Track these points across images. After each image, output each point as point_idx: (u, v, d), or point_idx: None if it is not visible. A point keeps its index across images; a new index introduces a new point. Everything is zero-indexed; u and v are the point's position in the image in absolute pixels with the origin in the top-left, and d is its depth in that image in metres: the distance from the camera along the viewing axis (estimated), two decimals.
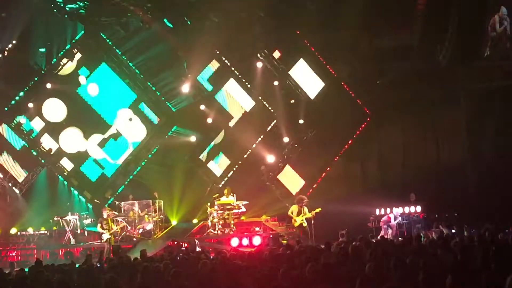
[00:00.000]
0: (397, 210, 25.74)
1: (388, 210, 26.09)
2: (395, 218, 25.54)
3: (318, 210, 23.66)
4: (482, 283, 8.64)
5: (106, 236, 22.93)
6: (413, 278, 9.46)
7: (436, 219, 25.42)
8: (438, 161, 28.26)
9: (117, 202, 26.57)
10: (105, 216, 23.37)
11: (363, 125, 30.05)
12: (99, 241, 24.04)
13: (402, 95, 28.48)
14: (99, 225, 23.48)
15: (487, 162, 27.36)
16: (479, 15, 24.82)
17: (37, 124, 27.78)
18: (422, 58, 27.30)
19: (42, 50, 27.41)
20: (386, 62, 28.76)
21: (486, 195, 25.94)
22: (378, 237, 23.39)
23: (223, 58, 29.24)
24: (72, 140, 28.18)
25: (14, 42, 26.63)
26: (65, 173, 28.02)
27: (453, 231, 22.29)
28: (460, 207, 25.98)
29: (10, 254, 24.50)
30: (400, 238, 22.87)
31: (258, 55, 29.12)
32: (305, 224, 23.44)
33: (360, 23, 27.01)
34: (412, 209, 26.15)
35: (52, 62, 27.61)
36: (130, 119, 29.00)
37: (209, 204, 25.79)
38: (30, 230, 25.80)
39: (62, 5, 26.18)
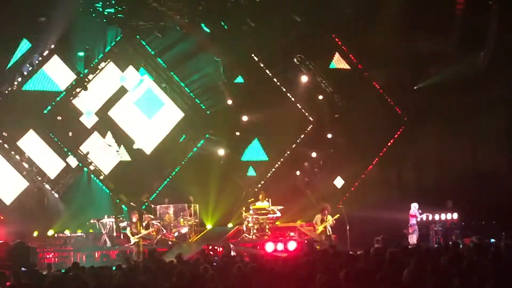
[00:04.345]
0: (415, 205, 25.47)
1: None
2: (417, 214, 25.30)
3: (336, 216, 23.65)
4: None
5: (134, 239, 23.03)
6: (449, 285, 9.37)
7: (469, 228, 25.18)
8: (475, 168, 28.00)
9: (153, 206, 26.68)
10: (134, 220, 23.45)
11: (399, 131, 29.88)
12: (126, 244, 24.12)
13: (439, 100, 28.30)
14: (128, 228, 23.64)
15: None
16: None
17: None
18: (460, 63, 27.07)
19: (81, 54, 27.67)
20: (423, 68, 28.60)
21: None
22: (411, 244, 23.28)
23: (259, 62, 29.28)
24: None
25: (53, 46, 26.91)
26: (102, 176, 28.25)
27: (492, 240, 21.92)
28: (498, 214, 25.67)
29: (47, 256, 24.65)
30: (435, 245, 22.69)
31: (295, 59, 29.13)
32: (329, 232, 23.36)
33: (397, 28, 26.86)
34: (449, 216, 25.88)
35: (91, 65, 27.84)
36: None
37: (244, 208, 25.83)
38: (67, 232, 25.99)
39: (100, 9, 26.47)
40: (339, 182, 29.93)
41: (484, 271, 10.38)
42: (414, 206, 25.30)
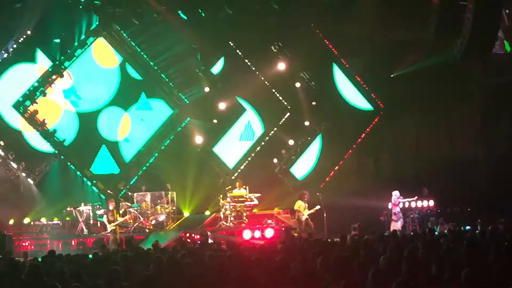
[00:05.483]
0: (395, 193, 25.44)
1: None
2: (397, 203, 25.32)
3: (317, 207, 23.88)
4: (494, 277, 8.62)
5: (110, 227, 22.94)
6: (425, 272, 9.44)
7: (440, 216, 25.37)
8: (451, 156, 28.16)
9: (130, 193, 26.62)
10: (110, 208, 23.37)
11: (376, 119, 29.98)
12: (103, 232, 24.02)
13: (416, 88, 28.41)
14: (105, 216, 23.54)
15: (501, 156, 27.25)
16: (494, 9, 24.62)
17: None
18: (437, 51, 27.16)
19: (57, 41, 27.42)
20: (401, 55, 28.66)
21: (499, 189, 25.85)
22: (390, 230, 23.37)
23: (237, 50, 29.19)
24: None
25: (28, 32, 26.65)
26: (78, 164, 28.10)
27: (468, 227, 22.08)
28: (473, 201, 25.88)
29: (24, 244, 24.53)
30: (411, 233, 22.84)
31: (272, 47, 29.09)
32: (309, 219, 23.71)
33: (375, 15, 26.92)
34: (425, 203, 26.06)
35: (67, 52, 27.58)
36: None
37: (221, 196, 25.87)
38: (43, 220, 25.79)
39: None
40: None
41: (459, 258, 10.48)
42: (395, 194, 25.35)
